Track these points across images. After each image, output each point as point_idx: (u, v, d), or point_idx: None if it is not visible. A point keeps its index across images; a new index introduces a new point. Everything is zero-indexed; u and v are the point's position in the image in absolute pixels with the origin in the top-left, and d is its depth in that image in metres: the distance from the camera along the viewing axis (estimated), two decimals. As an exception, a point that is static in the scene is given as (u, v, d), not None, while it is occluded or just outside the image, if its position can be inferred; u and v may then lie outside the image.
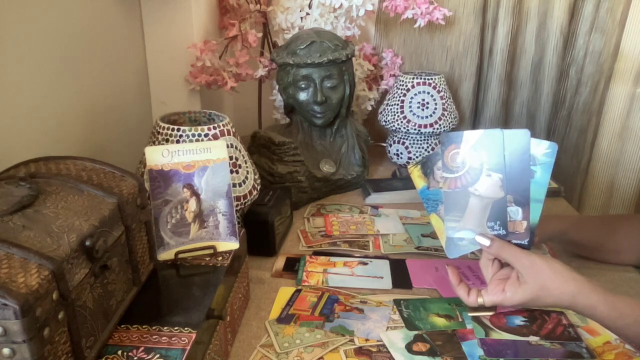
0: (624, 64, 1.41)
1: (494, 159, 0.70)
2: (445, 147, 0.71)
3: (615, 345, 0.72)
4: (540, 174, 0.69)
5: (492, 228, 0.71)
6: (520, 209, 0.70)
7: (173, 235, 0.71)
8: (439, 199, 0.72)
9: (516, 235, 0.71)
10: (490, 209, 0.70)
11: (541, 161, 0.69)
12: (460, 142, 0.71)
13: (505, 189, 0.69)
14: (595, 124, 1.50)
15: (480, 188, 0.70)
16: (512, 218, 0.70)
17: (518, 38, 1.48)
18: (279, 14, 1.29)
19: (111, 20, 1.00)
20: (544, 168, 0.69)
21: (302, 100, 1.16)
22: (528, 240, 0.71)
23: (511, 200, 0.70)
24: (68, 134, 0.86)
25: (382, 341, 0.72)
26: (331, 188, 1.21)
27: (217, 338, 0.64)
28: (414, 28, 1.36)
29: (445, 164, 0.71)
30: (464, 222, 0.72)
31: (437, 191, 0.73)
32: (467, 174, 0.71)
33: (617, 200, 1.53)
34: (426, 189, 0.73)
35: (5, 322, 0.40)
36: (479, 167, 0.70)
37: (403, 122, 1.31)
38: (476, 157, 0.71)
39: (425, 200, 0.74)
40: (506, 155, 0.69)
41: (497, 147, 0.69)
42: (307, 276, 0.88)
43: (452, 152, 0.71)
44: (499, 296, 0.69)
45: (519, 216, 0.70)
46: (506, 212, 0.70)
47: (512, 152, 0.69)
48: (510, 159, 0.69)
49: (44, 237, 0.46)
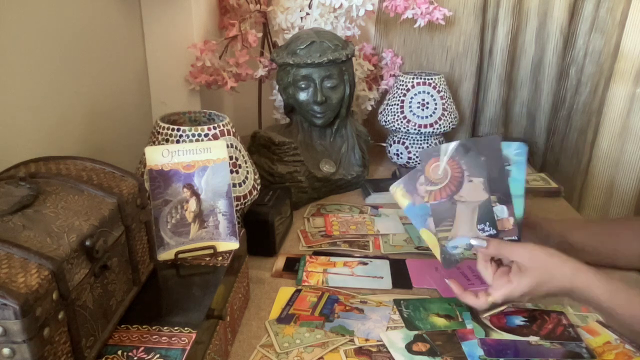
0: (624, 64, 1.41)
1: (472, 165, 0.74)
2: (426, 162, 0.75)
3: (616, 345, 0.72)
4: (515, 172, 0.74)
5: (482, 230, 0.74)
6: (504, 207, 0.74)
7: (173, 235, 0.71)
8: (426, 213, 0.75)
9: (506, 232, 0.74)
10: (478, 211, 0.74)
11: (514, 160, 0.74)
12: (438, 155, 0.75)
13: (489, 190, 0.74)
14: (595, 124, 1.50)
15: (464, 194, 0.74)
16: (498, 217, 0.74)
17: (518, 38, 1.48)
18: (279, 14, 1.29)
19: (111, 20, 1.00)
20: (518, 166, 0.74)
21: (302, 100, 1.16)
22: (517, 235, 0.74)
23: (495, 200, 0.74)
24: (68, 134, 0.86)
25: (382, 341, 0.72)
26: (331, 188, 1.21)
27: (217, 338, 0.64)
28: (414, 28, 1.36)
29: (428, 178, 0.75)
30: (456, 230, 0.74)
31: (423, 205, 0.75)
32: (450, 183, 0.74)
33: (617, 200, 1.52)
34: (412, 206, 0.76)
35: (5, 322, 0.40)
36: (460, 175, 0.74)
37: (403, 122, 1.31)
38: (456, 167, 0.75)
39: (413, 217, 0.76)
40: (483, 160, 0.73)
41: (474, 154, 0.74)
42: (307, 276, 0.88)
43: (432, 165, 0.75)
44: (507, 287, 0.69)
45: (505, 214, 0.74)
46: (493, 212, 0.74)
47: (488, 157, 0.73)
48: (487, 163, 0.73)
49: (44, 237, 0.46)
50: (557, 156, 1.61)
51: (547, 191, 1.24)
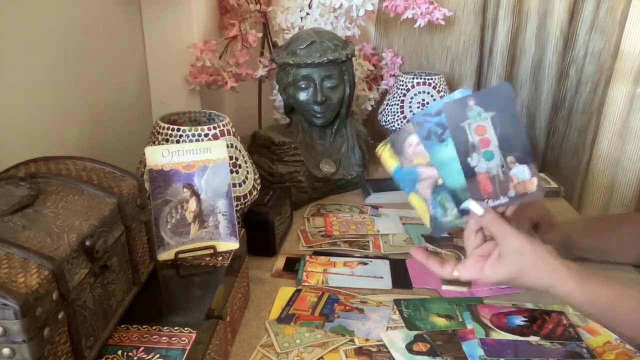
0: (624, 64, 1.41)
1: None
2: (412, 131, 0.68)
3: (616, 345, 0.72)
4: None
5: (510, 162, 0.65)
6: (525, 167, 0.65)
7: (173, 235, 0.71)
8: (415, 177, 0.69)
9: (530, 195, 0.65)
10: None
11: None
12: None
13: (502, 152, 0.65)
14: (595, 124, 1.50)
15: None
16: (519, 179, 0.65)
17: (518, 38, 1.48)
18: (279, 14, 1.29)
19: (111, 20, 1.00)
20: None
21: (302, 100, 1.16)
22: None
23: (512, 160, 0.65)
24: (68, 134, 0.86)
25: (382, 341, 0.72)
26: (331, 188, 1.21)
27: (217, 338, 0.64)
28: (414, 28, 1.36)
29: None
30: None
31: (412, 169, 0.69)
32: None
33: (617, 200, 1.52)
34: (400, 169, 0.69)
35: (5, 322, 0.40)
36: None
37: (403, 122, 1.31)
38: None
39: (401, 181, 0.70)
40: (495, 114, 0.64)
41: (461, 112, 0.65)
42: (307, 276, 0.88)
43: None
44: (476, 274, 0.66)
45: (526, 174, 0.65)
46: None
47: (498, 110, 0.64)
48: (498, 119, 0.64)
49: (44, 237, 0.46)
50: (557, 156, 1.61)
51: (547, 191, 1.24)
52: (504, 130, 0.64)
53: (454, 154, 0.65)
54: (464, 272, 0.67)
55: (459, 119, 0.65)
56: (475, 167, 0.65)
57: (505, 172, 0.65)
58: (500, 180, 0.65)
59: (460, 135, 0.65)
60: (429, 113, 0.67)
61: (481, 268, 0.66)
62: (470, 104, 0.64)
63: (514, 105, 0.65)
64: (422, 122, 0.67)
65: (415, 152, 0.69)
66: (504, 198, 0.66)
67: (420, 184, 0.69)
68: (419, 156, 0.69)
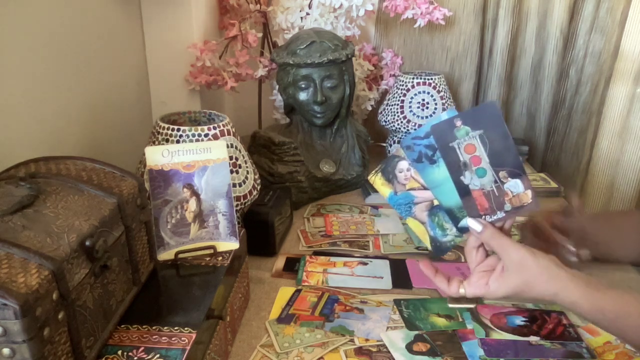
0: (624, 64, 1.41)
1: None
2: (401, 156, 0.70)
3: (616, 345, 0.72)
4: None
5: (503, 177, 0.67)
6: (518, 181, 0.66)
7: (173, 235, 0.71)
8: (410, 201, 0.71)
9: (525, 207, 0.67)
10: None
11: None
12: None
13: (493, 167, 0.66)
14: (595, 124, 1.50)
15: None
16: (514, 192, 0.67)
17: (518, 38, 1.48)
18: (279, 14, 1.29)
19: (111, 20, 1.00)
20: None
21: (302, 100, 1.16)
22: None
23: (505, 175, 0.67)
24: (68, 134, 0.86)
25: (382, 341, 0.72)
26: (331, 188, 1.21)
27: (217, 338, 0.64)
28: (414, 28, 1.36)
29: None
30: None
31: (406, 194, 0.71)
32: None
33: (617, 200, 1.52)
34: (394, 195, 0.72)
35: (5, 322, 0.40)
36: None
37: (403, 122, 1.31)
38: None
39: (397, 206, 0.72)
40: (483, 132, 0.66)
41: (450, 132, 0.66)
42: (307, 276, 0.88)
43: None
44: (481, 289, 0.66)
45: (520, 188, 0.66)
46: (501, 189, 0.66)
47: (486, 128, 0.65)
48: (487, 136, 0.66)
49: (44, 237, 0.46)
50: (557, 156, 1.61)
51: (547, 191, 1.25)
52: (494, 147, 0.65)
53: (446, 174, 0.66)
54: (469, 289, 0.67)
55: (448, 139, 0.66)
56: (469, 185, 0.66)
57: (499, 187, 0.66)
58: (495, 195, 0.67)
59: (451, 155, 0.66)
60: (418, 136, 0.68)
61: (486, 283, 0.66)
62: (458, 124, 0.65)
63: (501, 121, 0.65)
64: (411, 146, 0.68)
65: (407, 177, 0.70)
66: (501, 212, 0.67)
67: (416, 207, 0.71)
68: (412, 180, 0.70)
